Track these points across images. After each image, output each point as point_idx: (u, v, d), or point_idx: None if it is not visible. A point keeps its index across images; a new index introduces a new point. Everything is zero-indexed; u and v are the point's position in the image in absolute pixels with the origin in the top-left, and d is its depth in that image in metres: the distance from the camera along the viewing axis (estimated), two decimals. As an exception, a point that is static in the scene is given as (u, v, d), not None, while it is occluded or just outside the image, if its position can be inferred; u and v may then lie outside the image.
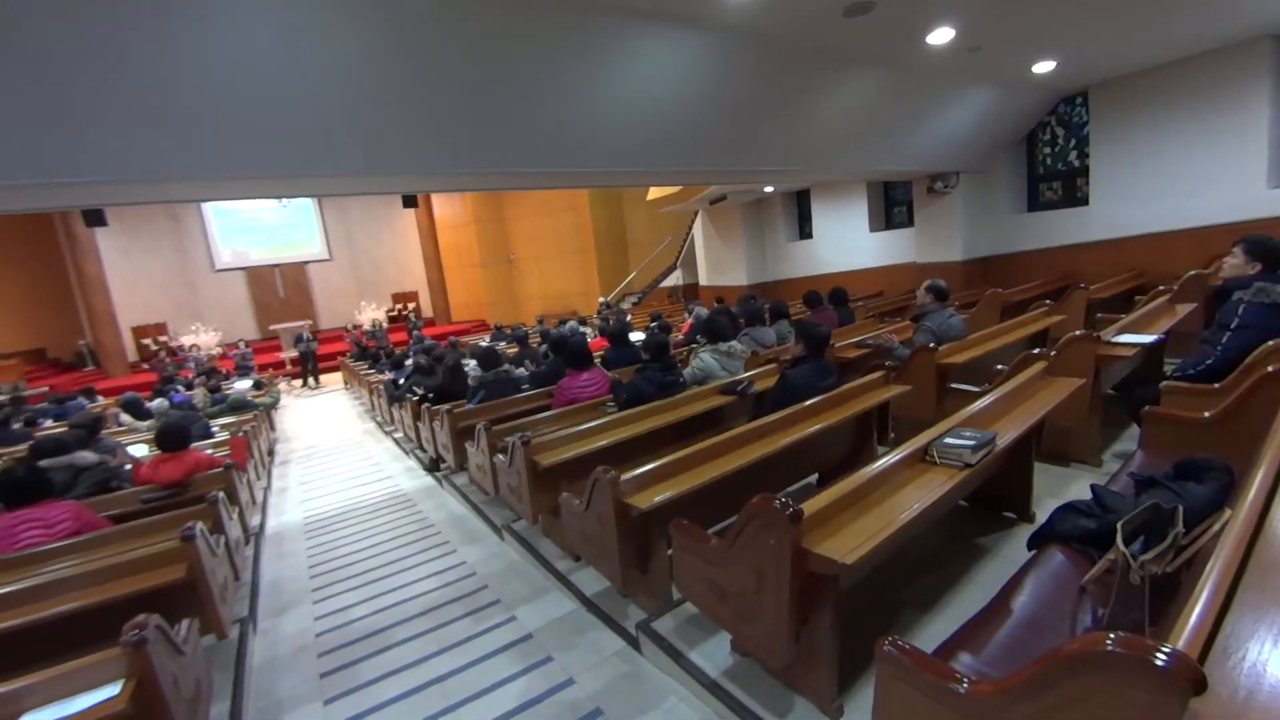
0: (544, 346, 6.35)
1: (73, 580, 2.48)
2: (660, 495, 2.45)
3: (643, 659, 2.63)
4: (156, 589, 2.41)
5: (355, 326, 15.97)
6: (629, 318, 11.16)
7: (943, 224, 8.91)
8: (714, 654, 2.40)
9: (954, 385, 4.01)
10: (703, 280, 14.43)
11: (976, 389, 3.82)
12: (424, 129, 4.06)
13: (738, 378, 4.11)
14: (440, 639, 3.04)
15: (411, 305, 19.53)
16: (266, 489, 6.07)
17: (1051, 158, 8.29)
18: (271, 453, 7.62)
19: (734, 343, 4.50)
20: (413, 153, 4.11)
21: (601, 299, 15.11)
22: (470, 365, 6.40)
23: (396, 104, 3.86)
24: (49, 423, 7.65)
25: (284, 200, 17.41)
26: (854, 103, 6.06)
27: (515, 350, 7.02)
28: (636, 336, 7.24)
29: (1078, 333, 3.52)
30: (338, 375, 13.42)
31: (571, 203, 16.75)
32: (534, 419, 4.11)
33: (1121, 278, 6.90)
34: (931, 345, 4.04)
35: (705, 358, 4.29)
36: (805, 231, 12.33)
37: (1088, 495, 2.11)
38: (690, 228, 14.95)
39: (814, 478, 3.63)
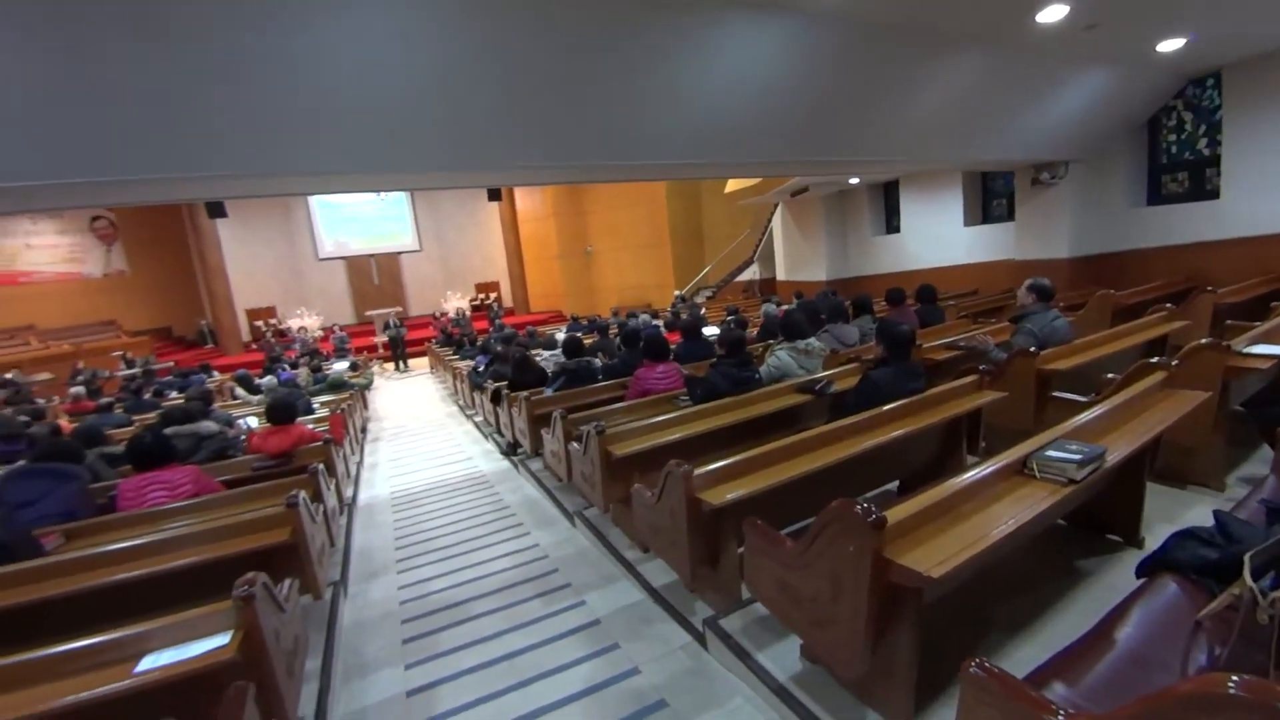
0: (619, 339, 6.41)
1: (190, 538, 2.74)
2: (733, 493, 2.42)
3: (709, 656, 2.61)
4: (262, 550, 2.63)
5: (441, 314, 16.76)
6: (703, 311, 11.09)
7: (1048, 218, 8.25)
8: (783, 658, 2.35)
9: (1056, 394, 3.72)
10: (780, 275, 14.11)
11: (1083, 399, 3.53)
12: (510, 125, 4.17)
13: (815, 376, 3.99)
14: (512, 617, 3.16)
15: (493, 295, 20.28)
16: (359, 464, 6.50)
17: (1177, 146, 7.48)
18: (364, 430, 8.14)
19: (812, 340, 4.36)
20: (499, 148, 4.24)
21: (676, 292, 15.09)
22: (544, 355, 6.57)
23: (484, 102, 3.99)
24: (174, 394, 8.53)
25: (382, 194, 18.48)
26: (954, 88, 5.70)
27: (593, 340, 7.13)
28: (710, 331, 7.18)
29: (1204, 341, 3.18)
30: (425, 360, 14.14)
31: (648, 195, 16.79)
32: (608, 409, 4.16)
33: (1255, 281, 6.14)
34: (1032, 349, 3.76)
35: (781, 355, 4.19)
36: (892, 225, 11.78)
37: (1208, 522, 1.90)
38: (769, 221, 14.64)
39: (894, 485, 3.48)
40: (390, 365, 14.33)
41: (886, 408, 3.02)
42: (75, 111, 3.22)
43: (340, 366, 9.61)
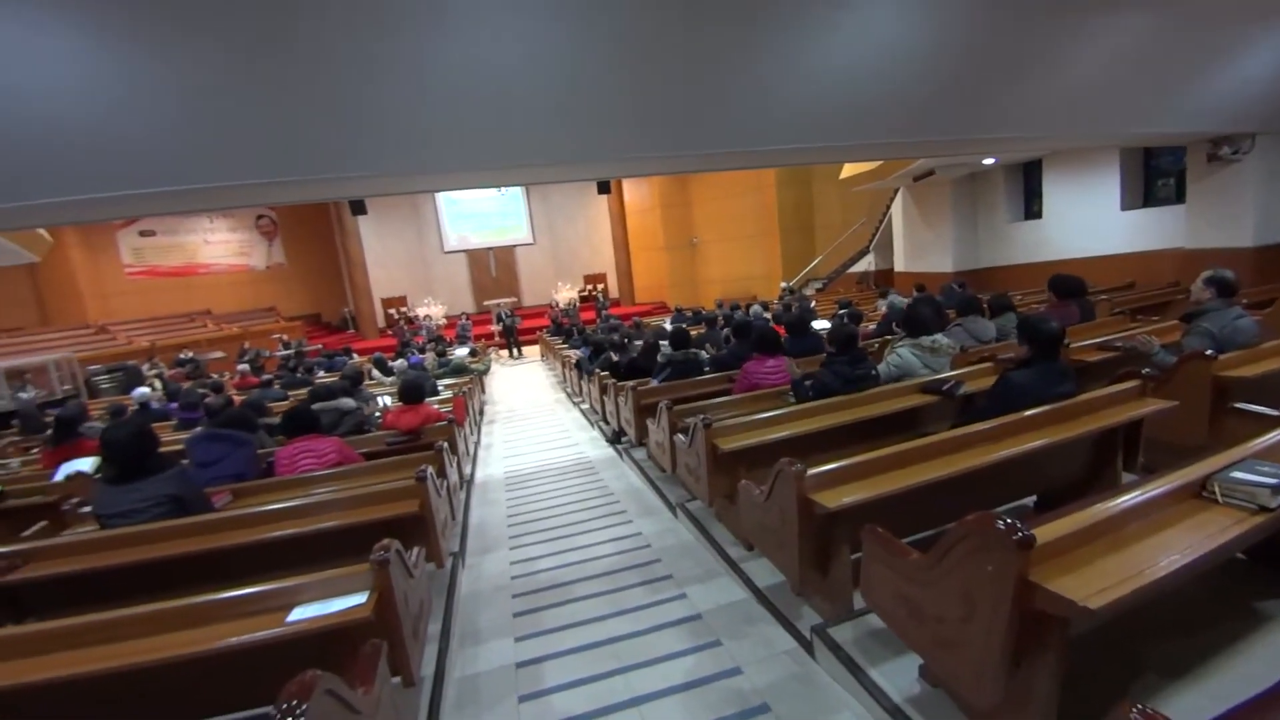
0: (726, 330, 6.31)
1: (332, 503, 3.03)
2: (850, 496, 2.29)
3: (816, 664, 2.51)
4: (394, 519, 2.86)
5: (555, 305, 17.43)
6: (813, 304, 10.66)
7: (1228, 200, 7.08)
8: (898, 676, 2.20)
9: (1238, 405, 3.19)
10: (899, 266, 13.25)
11: (1273, 412, 3.00)
12: (625, 115, 4.19)
13: (942, 376, 3.69)
14: (615, 602, 3.21)
15: (600, 286, 20.77)
16: (476, 444, 6.92)
17: None
18: (481, 412, 8.65)
19: (939, 336, 4.04)
20: (614, 139, 4.28)
21: (784, 284, 14.64)
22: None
23: (602, 93, 4.04)
24: (321, 373, 9.52)
25: (502, 189, 19.49)
26: (1116, 49, 4.99)
27: (699, 332, 7.08)
28: (820, 325, 6.88)
29: None
30: (536, 348, 14.79)
31: (757, 184, 16.38)
32: (714, 402, 4.11)
33: None
34: (1209, 352, 3.24)
35: (904, 352, 3.91)
36: (1033, 210, 10.66)
37: None
38: (887, 208, 13.78)
39: (1030, 500, 3.14)
40: (505, 352, 15.12)
41: (1028, 413, 2.72)
42: (244, 120, 3.65)
43: (462, 352, 10.27)
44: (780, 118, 4.52)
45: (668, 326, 8.86)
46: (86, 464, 4.43)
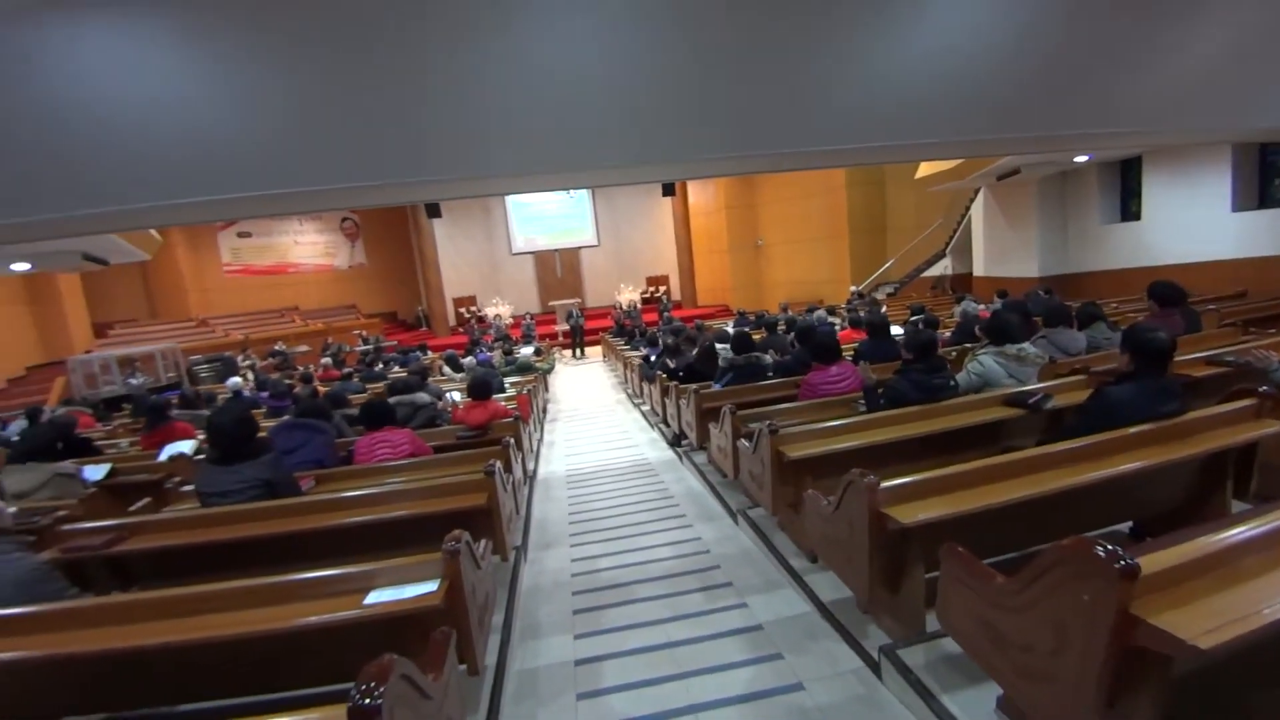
0: (790, 335, 6.18)
1: (404, 493, 3.15)
2: (927, 512, 2.18)
3: (883, 687, 2.40)
4: (462, 511, 2.95)
5: (618, 306, 17.61)
6: (884, 309, 10.28)
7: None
8: (975, 706, 2.07)
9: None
10: (978, 270, 12.60)
11: None
12: (694, 114, 4.14)
13: (1029, 388, 3.47)
14: (674, 606, 3.19)
15: (663, 288, 20.82)
16: (539, 441, 7.06)
17: None
18: (545, 410, 8.83)
19: (1026, 345, 3.80)
20: (681, 139, 4.25)
21: (853, 287, 14.20)
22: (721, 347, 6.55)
23: (671, 92, 4.02)
24: (397, 368, 9.98)
25: (571, 192, 19.87)
26: (1241, 28, 4.53)
27: (762, 336, 6.97)
28: (894, 331, 6.62)
29: None
30: (598, 348, 14.97)
31: (827, 184, 15.95)
32: (779, 408, 4.02)
33: None
34: (1346, 370, 2.90)
35: (987, 361, 3.70)
36: (1129, 211, 9.88)
37: None
38: (967, 209, 13.12)
39: (1125, 526, 2.90)
40: (568, 352, 15.38)
41: (1130, 431, 2.51)
42: (335, 127, 3.86)
43: (527, 351, 10.53)
44: (856, 115, 4.36)
45: (730, 330, 8.77)
46: (187, 446, 4.81)
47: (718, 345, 6.66)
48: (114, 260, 10.18)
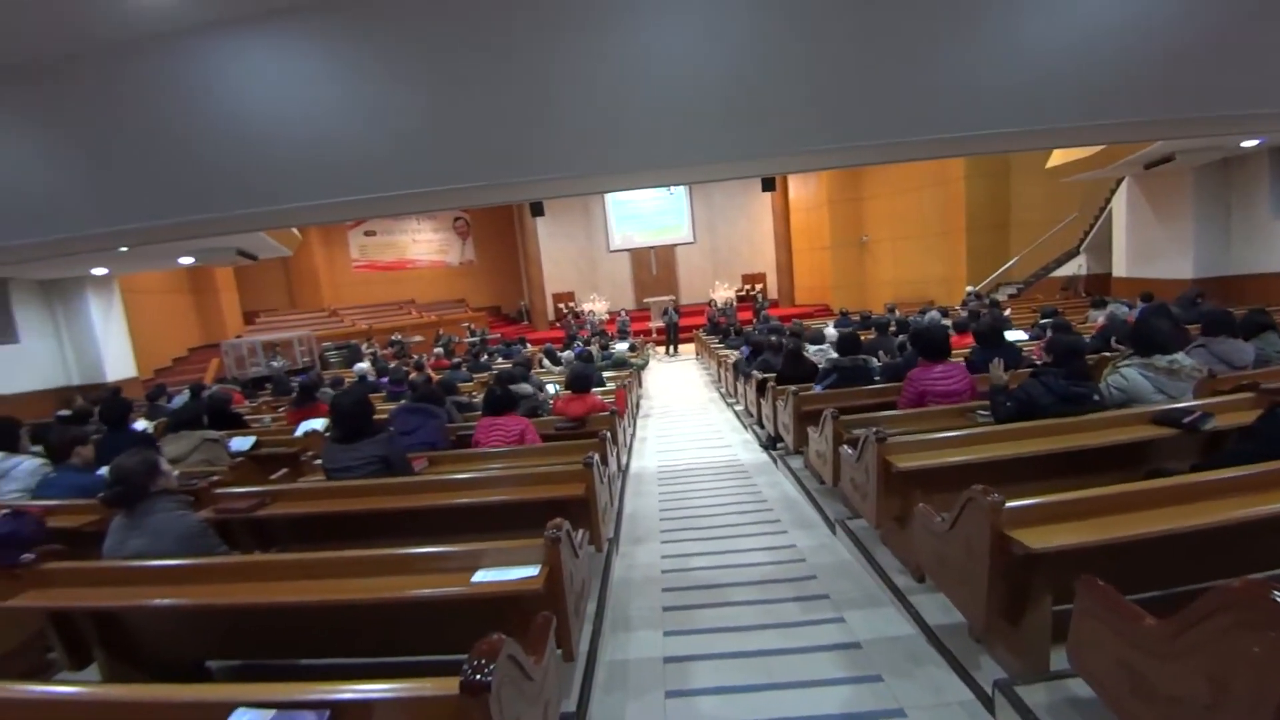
0: (901, 337, 5.83)
1: (508, 479, 3.29)
2: (1061, 539, 1.97)
3: (997, 724, 2.20)
4: (560, 499, 3.03)
5: (713, 304, 17.48)
6: (1007, 312, 9.48)
7: None
8: (1110, 759, 1.85)
9: None
10: (1119, 270, 11.30)
11: None
12: (803, 105, 4.00)
13: (1184, 405, 3.05)
14: (767, 614, 3.10)
15: (759, 286, 20.41)
16: (632, 436, 7.14)
17: None
18: (638, 406, 8.93)
19: (1180, 356, 3.34)
20: (791, 132, 4.11)
21: (969, 288, 13.18)
22: (811, 350, 6.32)
23: (780, 84, 3.91)
24: (500, 360, 10.47)
25: (671, 189, 19.95)
26: None
27: (870, 338, 6.63)
28: (1015, 336, 6.09)
29: None
30: (692, 346, 14.93)
31: (942, 176, 14.87)
32: (887, 414, 3.81)
33: None
34: None
35: (1131, 374, 3.30)
36: (1315, 205, 8.47)
37: None
38: (1107, 201, 11.79)
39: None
40: (662, 349, 15.46)
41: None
42: (452, 131, 4.10)
43: (622, 347, 10.70)
44: (984, 99, 4.00)
45: (830, 330, 8.42)
46: (319, 424, 5.31)
47: (813, 347, 6.45)
48: (262, 255, 11.44)
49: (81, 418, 6.28)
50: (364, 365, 9.55)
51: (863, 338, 6.28)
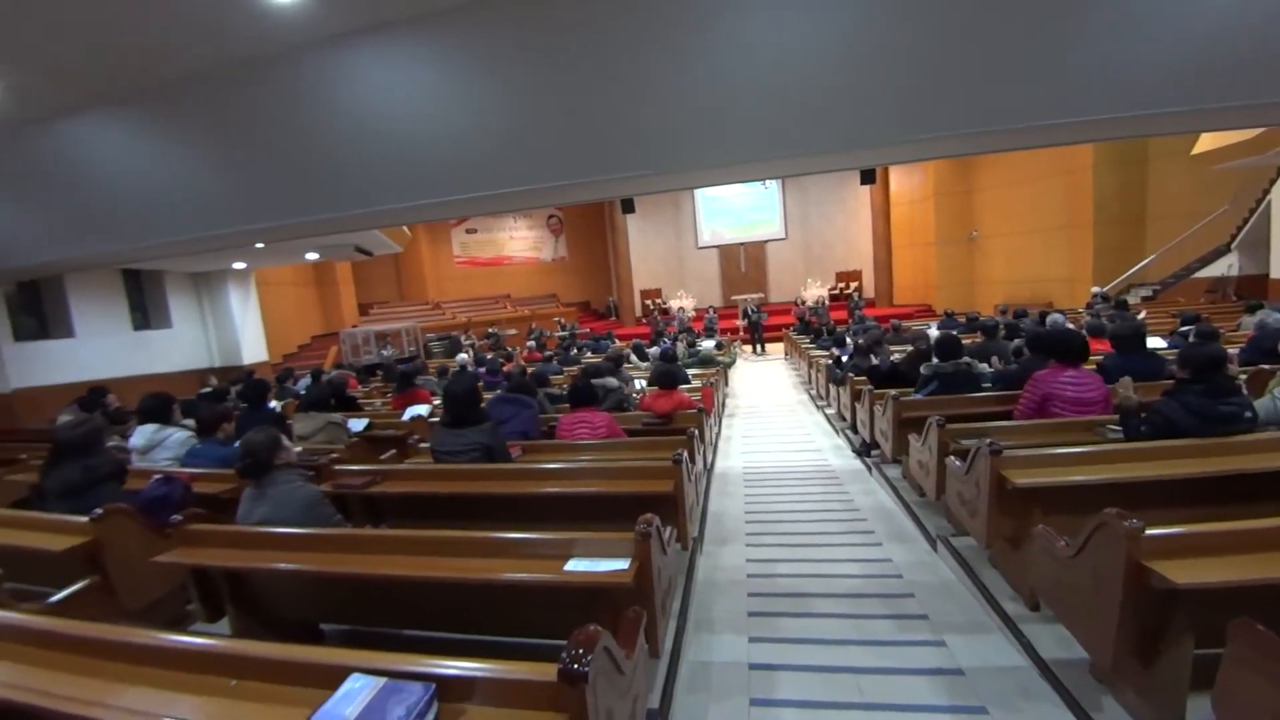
0: (1016, 341, 5.38)
1: (595, 471, 3.34)
2: (1211, 574, 1.73)
3: (1126, 775, 1.98)
4: (648, 494, 3.03)
5: (800, 302, 16.95)
6: (1142, 315, 8.52)
7: None
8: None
9: None
10: (1277, 271, 9.86)
11: None
12: (921, 88, 3.75)
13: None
14: (859, 629, 2.97)
15: (854, 284, 19.58)
16: (717, 434, 7.06)
17: None
18: (723, 404, 8.83)
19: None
20: (903, 118, 3.88)
21: (1095, 289, 11.96)
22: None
23: (898, 69, 3.70)
24: (589, 354, 10.69)
25: (766, 183, 19.55)
26: None
27: (977, 341, 6.18)
28: (1154, 343, 5.46)
29: None
30: (780, 345, 14.58)
31: (1067, 165, 13.54)
32: (998, 425, 3.53)
33: None
34: None
35: (1303, 390, 2.86)
36: None
37: None
38: (1266, 192, 10.30)
39: None
40: (748, 347, 15.20)
41: None
42: (551, 130, 4.21)
43: (708, 344, 10.62)
44: (1128, 76, 3.59)
45: (933, 331, 7.93)
46: (424, 409, 5.64)
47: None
48: (376, 251, 12.35)
49: (220, 396, 7.04)
50: (464, 356, 10.08)
51: (968, 341, 5.87)
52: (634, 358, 9.13)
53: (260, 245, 8.12)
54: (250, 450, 2.70)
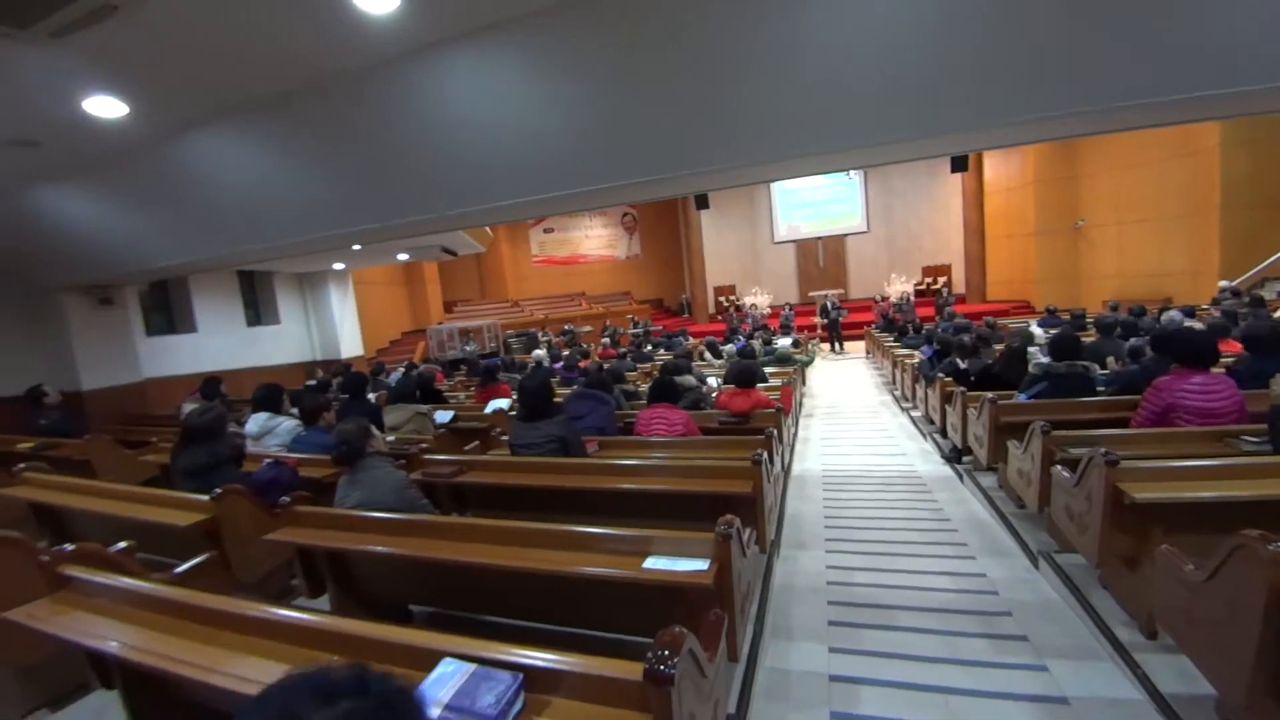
0: (1134, 341, 4.90)
1: (673, 468, 3.33)
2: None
3: (1270, 830, 1.76)
4: (726, 495, 2.99)
5: (883, 298, 16.21)
6: (1277, 314, 7.57)
7: None
8: None
9: None
10: None
11: None
12: (1041, 60, 3.44)
13: None
14: (949, 646, 2.80)
15: (942, 279, 18.53)
16: (794, 435, 6.88)
17: None
18: (800, 404, 8.59)
19: None
20: (1018, 95, 3.57)
21: (1223, 283, 10.71)
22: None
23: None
24: (661, 351, 10.69)
25: (850, 173, 18.86)
26: None
27: (1089, 340, 5.70)
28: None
29: None
30: (861, 343, 14.02)
31: (1188, 145, 12.15)
32: (1112, 433, 3.24)
33: None
34: None
35: None
36: None
37: None
38: None
39: None
40: (826, 345, 14.72)
41: None
42: (630, 128, 4.22)
43: (785, 342, 10.36)
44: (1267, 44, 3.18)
45: (1037, 329, 7.39)
46: (504, 403, 5.84)
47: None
48: (461, 252, 12.89)
49: (323, 387, 7.58)
50: (540, 352, 10.35)
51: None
52: (708, 355, 9.04)
53: (357, 247, 8.66)
54: (343, 439, 2.89)
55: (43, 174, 5.50)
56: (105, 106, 4.12)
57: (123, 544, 2.73)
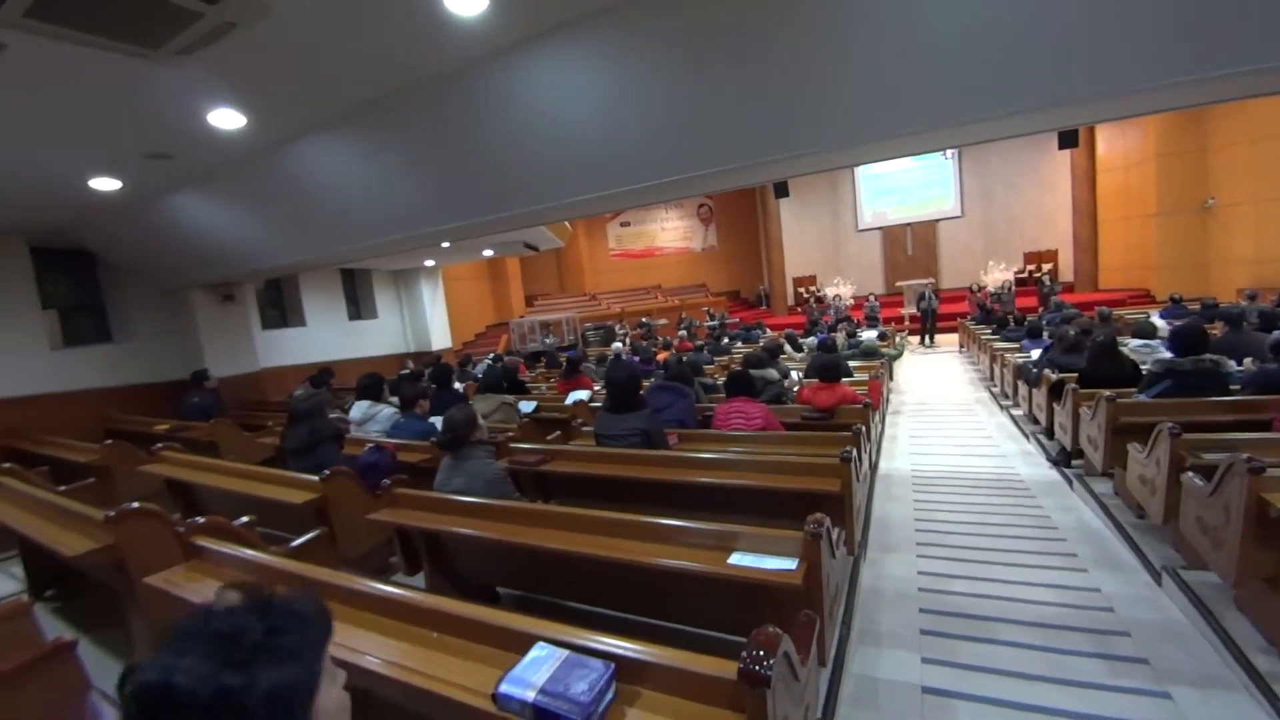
0: (1277, 334, 4.34)
1: (756, 464, 3.27)
2: None
3: None
4: (813, 493, 2.91)
5: (979, 288, 15.19)
6: None
7: None
8: None
9: None
10: None
11: None
12: (1152, 25, 3.10)
13: None
14: (1055, 665, 2.61)
15: (1047, 266, 17.15)
16: (881, 433, 6.61)
17: None
18: (887, 400, 8.23)
19: None
20: (1125, 63, 3.22)
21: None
22: (1132, 345, 5.08)
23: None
24: (739, 344, 10.53)
25: (946, 153, 17.81)
26: None
27: (1218, 333, 5.11)
28: None
29: None
30: (953, 336, 13.24)
31: (1353, 113, 10.56)
32: (1249, 437, 2.89)
33: None
34: None
35: None
36: None
37: None
38: None
39: None
40: (915, 338, 14.01)
41: None
42: (705, 117, 4.15)
43: (870, 335, 9.94)
44: None
45: (1159, 320, 6.71)
46: (584, 394, 5.96)
47: (1134, 341, 5.17)
48: (542, 247, 13.24)
49: (416, 377, 8.03)
50: (618, 345, 10.47)
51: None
52: (787, 348, 8.82)
53: (446, 244, 9.07)
54: (451, 426, 3.04)
55: (175, 184, 6.12)
56: (227, 119, 4.51)
57: (245, 518, 3.01)
